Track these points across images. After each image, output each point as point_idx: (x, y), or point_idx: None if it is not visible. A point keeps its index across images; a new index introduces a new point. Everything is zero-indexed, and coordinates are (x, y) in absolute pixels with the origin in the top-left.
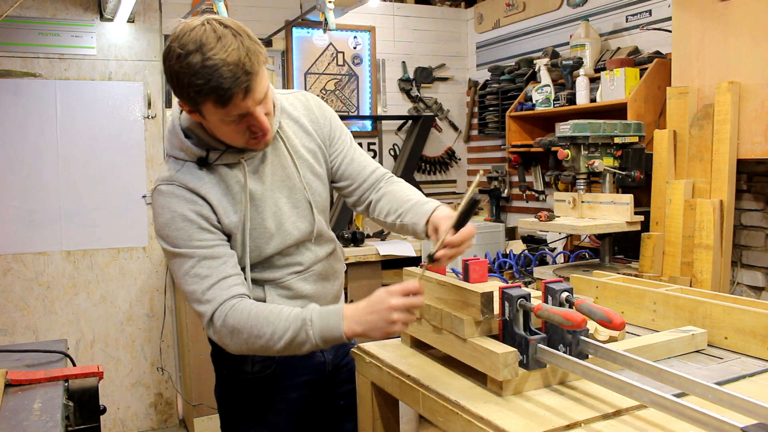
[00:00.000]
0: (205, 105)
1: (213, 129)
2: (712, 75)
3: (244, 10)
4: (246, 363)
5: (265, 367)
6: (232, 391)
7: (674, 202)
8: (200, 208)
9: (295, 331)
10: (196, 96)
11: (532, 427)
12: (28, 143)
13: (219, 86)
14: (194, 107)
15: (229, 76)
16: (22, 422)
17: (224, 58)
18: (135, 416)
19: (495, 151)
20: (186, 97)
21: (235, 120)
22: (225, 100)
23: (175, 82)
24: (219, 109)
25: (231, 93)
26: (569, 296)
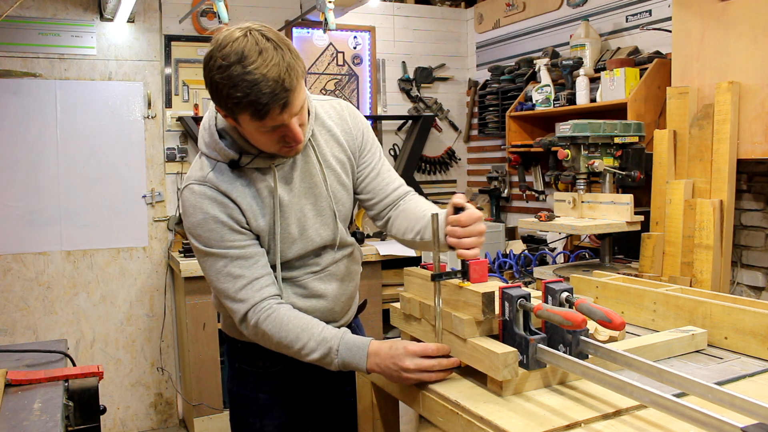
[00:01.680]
0: (241, 115)
1: (247, 135)
2: (712, 75)
3: (244, 10)
4: (258, 357)
5: (276, 362)
6: (242, 384)
7: (674, 202)
8: (231, 210)
9: (322, 355)
10: (234, 107)
11: (532, 427)
12: (28, 143)
13: (257, 101)
14: (231, 115)
15: (267, 92)
16: (22, 422)
17: (264, 73)
18: (135, 416)
19: (495, 151)
20: (223, 107)
21: (270, 130)
22: (262, 114)
23: (213, 91)
24: (255, 121)
25: (268, 108)
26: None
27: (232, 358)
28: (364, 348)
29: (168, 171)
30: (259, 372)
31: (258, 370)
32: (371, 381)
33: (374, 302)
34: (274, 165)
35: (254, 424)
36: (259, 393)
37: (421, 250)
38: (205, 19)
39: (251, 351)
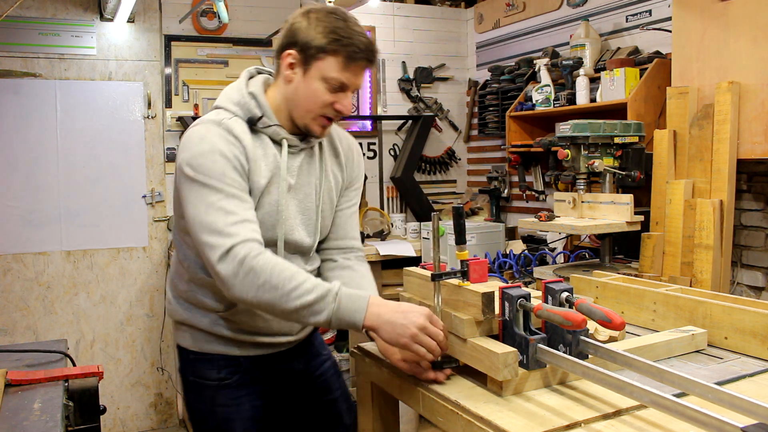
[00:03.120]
0: (326, 58)
1: (299, 89)
2: (712, 75)
3: (244, 10)
4: (212, 369)
5: (231, 373)
6: (198, 398)
7: (674, 202)
8: (239, 153)
9: (317, 298)
10: (330, 44)
11: (532, 427)
12: (28, 143)
13: (356, 45)
14: (312, 56)
15: (364, 47)
16: (22, 422)
17: (363, 34)
18: (135, 416)
19: (495, 151)
20: (315, 46)
21: (336, 89)
22: (351, 60)
23: (311, 28)
24: (339, 67)
25: (359, 57)
26: (569, 296)
27: (185, 371)
28: (364, 297)
29: (168, 171)
30: (213, 385)
31: (212, 383)
32: (371, 381)
33: None
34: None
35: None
36: (216, 407)
37: None
38: (205, 19)
39: (204, 363)
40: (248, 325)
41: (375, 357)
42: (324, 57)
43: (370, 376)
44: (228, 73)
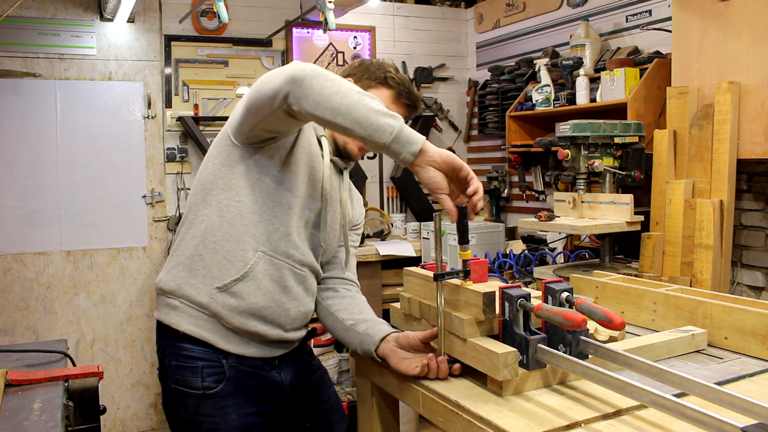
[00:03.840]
0: (379, 88)
1: None
2: (712, 75)
3: (244, 10)
4: (195, 377)
5: (216, 381)
6: (181, 407)
7: (674, 202)
8: None
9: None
10: (386, 79)
11: (532, 427)
12: (28, 143)
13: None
14: (366, 86)
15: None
16: (22, 422)
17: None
18: (135, 416)
19: (495, 151)
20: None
21: None
22: (400, 95)
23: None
24: (388, 98)
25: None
26: (569, 296)
27: (166, 378)
28: None
29: (168, 171)
30: (197, 394)
31: (197, 392)
32: (371, 381)
33: (374, 302)
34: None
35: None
36: (200, 416)
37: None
38: (205, 19)
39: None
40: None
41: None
42: (379, 87)
43: (370, 376)
44: (228, 73)
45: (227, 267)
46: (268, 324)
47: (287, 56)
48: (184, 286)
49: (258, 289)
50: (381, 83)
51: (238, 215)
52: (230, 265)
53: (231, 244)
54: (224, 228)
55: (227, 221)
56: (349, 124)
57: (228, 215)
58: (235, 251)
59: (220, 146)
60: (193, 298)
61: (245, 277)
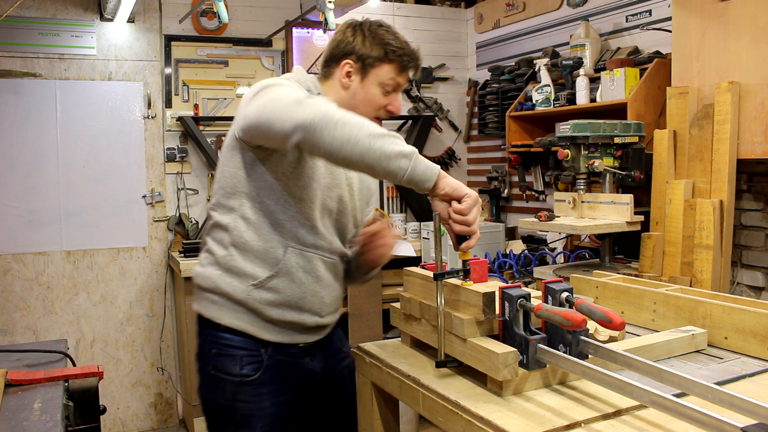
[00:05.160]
0: (382, 66)
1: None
2: (712, 75)
3: (244, 10)
4: (235, 365)
5: (254, 370)
6: (219, 392)
7: (674, 202)
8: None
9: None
10: (388, 53)
11: (532, 427)
12: (28, 143)
13: (407, 55)
14: (370, 64)
15: (413, 54)
16: (22, 422)
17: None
18: (135, 416)
19: (495, 151)
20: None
21: (388, 91)
22: (403, 68)
23: (369, 37)
24: (393, 72)
25: (411, 65)
26: (569, 296)
27: (206, 364)
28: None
29: (168, 171)
30: (236, 381)
31: (235, 378)
32: (371, 381)
33: (374, 302)
34: None
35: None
36: (237, 402)
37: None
38: (205, 19)
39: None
40: (284, 296)
41: (375, 357)
42: (381, 64)
43: (370, 376)
44: (228, 73)
45: (260, 265)
46: (305, 313)
47: (287, 56)
48: (221, 284)
49: (292, 282)
50: (382, 60)
51: (262, 216)
52: (263, 263)
53: (260, 243)
54: (251, 230)
55: (252, 224)
56: (363, 169)
57: (252, 217)
58: (265, 249)
59: (232, 150)
60: (231, 296)
61: (279, 273)
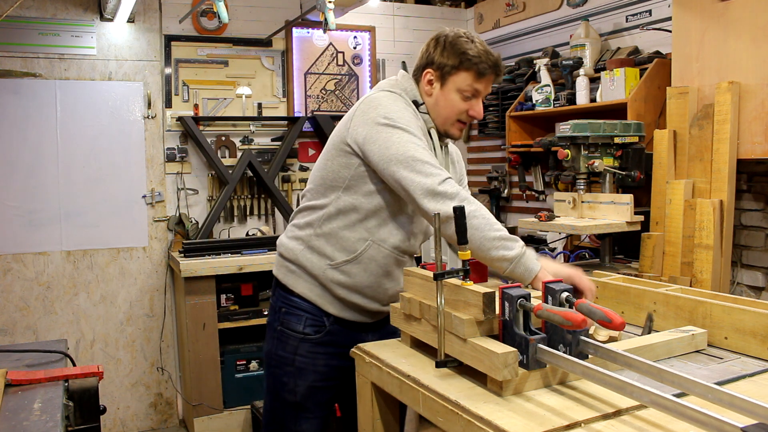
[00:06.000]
0: (459, 73)
1: (438, 101)
2: (712, 75)
3: (244, 10)
4: (299, 323)
5: (315, 331)
6: (282, 346)
7: (674, 202)
8: (416, 119)
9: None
10: (464, 61)
11: (532, 427)
12: (28, 143)
13: (483, 62)
14: (448, 72)
15: (492, 60)
16: (22, 422)
17: (490, 52)
18: (135, 416)
19: (495, 151)
20: (450, 63)
21: (467, 96)
22: (481, 74)
23: (448, 47)
24: (470, 79)
25: (488, 71)
26: (569, 296)
27: (274, 320)
28: None
29: (168, 171)
30: (299, 337)
31: (299, 335)
32: (371, 381)
33: None
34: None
35: (288, 383)
36: (297, 356)
37: None
38: (205, 19)
39: (292, 317)
40: (354, 281)
41: (375, 357)
42: (459, 72)
43: (370, 376)
44: (228, 73)
45: (339, 251)
46: (368, 299)
47: (287, 56)
48: (301, 258)
49: (364, 272)
50: (459, 68)
51: (355, 212)
52: (342, 249)
53: (345, 232)
54: (340, 218)
55: (343, 213)
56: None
57: (345, 209)
58: (348, 239)
59: (339, 151)
60: (308, 269)
61: (355, 260)
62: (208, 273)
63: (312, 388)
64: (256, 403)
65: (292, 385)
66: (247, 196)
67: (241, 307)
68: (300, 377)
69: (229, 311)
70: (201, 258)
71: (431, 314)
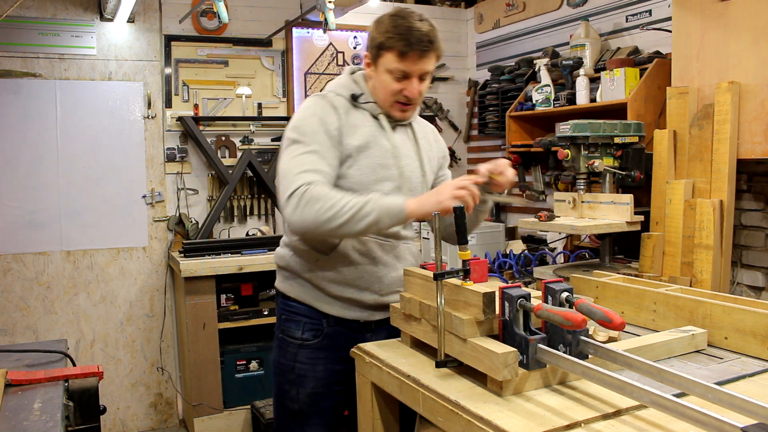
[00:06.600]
0: (385, 54)
1: (377, 83)
2: (712, 75)
3: (244, 10)
4: (298, 329)
5: (314, 336)
6: (283, 353)
7: (674, 202)
8: (333, 119)
9: (362, 204)
10: (387, 40)
11: (532, 427)
12: (28, 143)
13: (405, 41)
14: (377, 54)
15: (416, 39)
16: (22, 422)
17: (419, 27)
18: (135, 416)
19: (495, 151)
20: (376, 44)
21: (399, 77)
22: (402, 53)
23: (377, 27)
24: (394, 60)
25: (409, 50)
26: (569, 296)
27: (277, 329)
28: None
29: (168, 171)
30: (297, 343)
31: (296, 341)
32: (371, 381)
33: None
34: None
35: (290, 391)
36: (297, 363)
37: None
38: (205, 19)
39: (291, 324)
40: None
41: (375, 357)
42: (384, 53)
43: (370, 376)
44: (228, 73)
45: (318, 247)
46: (363, 291)
47: (287, 56)
48: (291, 262)
49: (349, 264)
50: (382, 49)
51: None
52: (321, 245)
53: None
54: None
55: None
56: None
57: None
58: None
59: None
60: (299, 272)
61: (335, 254)
62: (208, 273)
63: (314, 395)
64: (256, 403)
65: (294, 393)
66: (247, 196)
67: (241, 307)
68: (301, 385)
69: (229, 311)
70: (201, 258)
71: (431, 314)
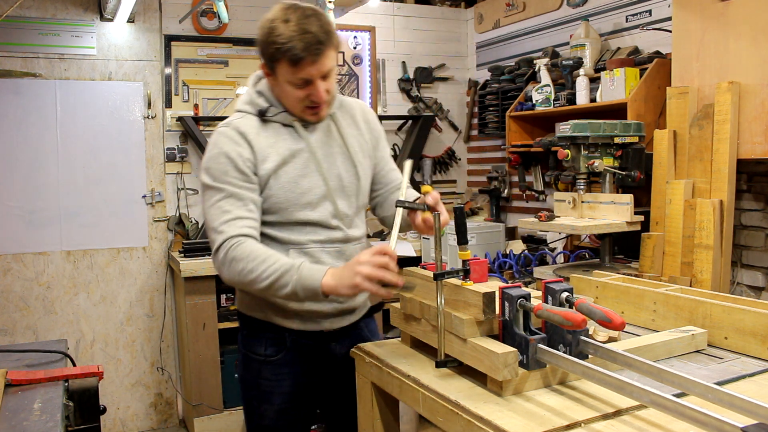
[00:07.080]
0: (280, 64)
1: (281, 92)
2: (712, 75)
3: (244, 10)
4: (260, 345)
5: (277, 351)
6: (247, 369)
7: (674, 202)
8: (242, 149)
9: (281, 274)
10: (275, 53)
11: (532, 427)
12: (28, 143)
13: (294, 47)
14: (270, 66)
15: (304, 43)
16: (22, 422)
17: (304, 28)
18: (135, 416)
19: (495, 151)
20: (267, 56)
21: (300, 85)
22: (296, 61)
23: (261, 41)
24: (290, 70)
25: (303, 57)
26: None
27: (240, 344)
28: (323, 269)
29: (168, 171)
30: (260, 360)
31: (259, 357)
32: (371, 381)
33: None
34: (297, 122)
35: (257, 407)
36: (260, 379)
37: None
38: (205, 19)
39: (254, 340)
40: None
41: (375, 357)
42: (277, 65)
43: (370, 376)
44: (228, 73)
45: None
46: (322, 301)
47: None
48: (243, 305)
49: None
50: (274, 61)
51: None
52: None
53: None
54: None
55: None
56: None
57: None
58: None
59: None
60: (255, 294)
61: None
62: (208, 273)
63: (281, 411)
64: None
65: (261, 409)
66: None
67: None
68: (267, 401)
69: (229, 311)
70: (201, 258)
71: (431, 314)
